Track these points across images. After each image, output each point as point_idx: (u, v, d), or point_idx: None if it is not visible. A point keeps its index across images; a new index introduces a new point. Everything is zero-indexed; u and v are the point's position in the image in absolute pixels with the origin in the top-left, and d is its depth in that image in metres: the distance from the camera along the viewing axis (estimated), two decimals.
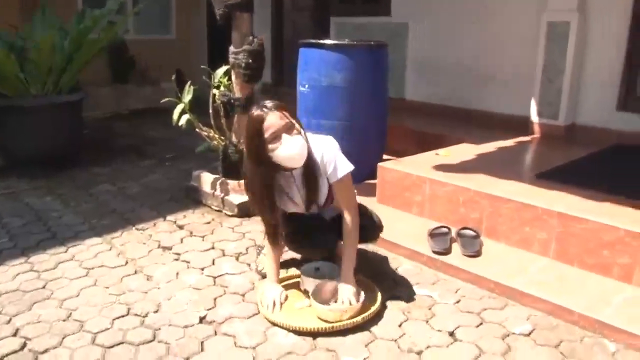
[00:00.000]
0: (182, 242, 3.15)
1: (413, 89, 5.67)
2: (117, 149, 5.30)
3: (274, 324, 2.31)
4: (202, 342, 2.19)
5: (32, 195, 3.93)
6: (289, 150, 2.22)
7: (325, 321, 2.29)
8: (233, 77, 3.57)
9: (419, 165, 3.53)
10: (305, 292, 2.52)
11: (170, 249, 3.06)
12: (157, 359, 2.08)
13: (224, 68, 3.57)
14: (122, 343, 2.18)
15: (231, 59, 3.51)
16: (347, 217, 2.39)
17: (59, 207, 3.69)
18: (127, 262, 2.89)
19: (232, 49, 3.52)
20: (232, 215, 3.52)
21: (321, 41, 4.00)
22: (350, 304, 2.31)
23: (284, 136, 2.21)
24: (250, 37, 3.45)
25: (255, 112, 2.23)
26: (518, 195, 2.95)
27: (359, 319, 2.29)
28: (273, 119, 2.20)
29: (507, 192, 3.00)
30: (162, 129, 6.13)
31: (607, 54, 4.27)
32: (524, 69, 4.65)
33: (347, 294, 2.33)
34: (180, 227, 3.36)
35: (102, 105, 6.73)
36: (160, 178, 4.39)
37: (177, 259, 2.94)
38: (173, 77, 3.57)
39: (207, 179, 3.73)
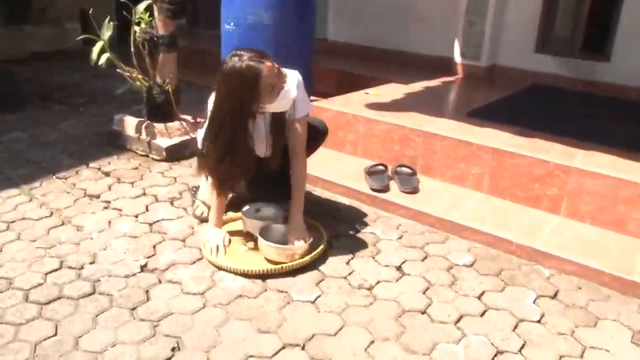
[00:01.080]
0: (110, 189, 2.97)
1: (335, 29, 5.59)
2: (24, 94, 4.84)
3: (220, 269, 2.25)
4: (146, 291, 2.09)
5: None
6: (285, 99, 2.16)
7: (275, 262, 2.25)
8: (155, 13, 3.33)
9: (352, 104, 3.50)
10: (248, 235, 2.47)
11: (98, 197, 2.87)
12: (101, 312, 1.97)
13: (145, 3, 3.30)
14: (59, 298, 2.04)
15: None
16: (298, 159, 2.33)
17: None
18: (51, 213, 2.69)
19: None
20: (160, 160, 3.35)
21: None
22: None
23: (283, 86, 2.14)
24: None
25: (244, 64, 2.05)
26: (452, 132, 3.01)
27: (307, 258, 2.27)
28: (269, 71, 2.08)
29: (441, 129, 3.05)
30: (69, 72, 5.71)
31: None
32: (448, 11, 4.68)
33: (298, 235, 2.30)
34: (106, 174, 3.16)
35: None
36: (75, 124, 4.09)
37: (107, 207, 2.77)
38: (91, 11, 3.25)
39: (131, 123, 3.51)
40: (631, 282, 2.18)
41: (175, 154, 3.36)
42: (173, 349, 1.80)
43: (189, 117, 3.55)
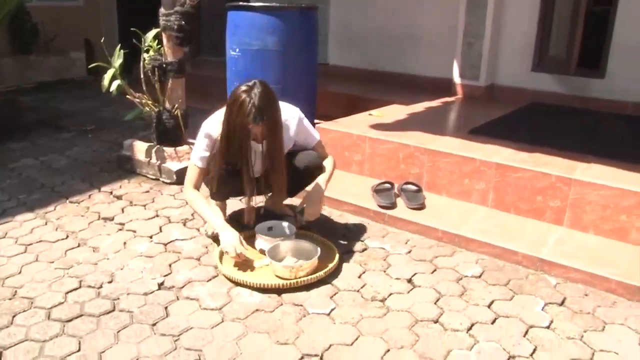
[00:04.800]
0: (123, 211, 3.04)
1: (336, 53, 5.72)
2: (30, 123, 4.94)
3: (237, 284, 2.31)
4: (165, 307, 2.15)
5: None
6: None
7: (283, 279, 2.31)
8: (164, 41, 3.44)
9: (356, 125, 3.59)
10: (262, 252, 2.53)
11: (112, 219, 2.94)
12: (122, 328, 2.02)
13: (154, 31, 3.42)
14: (81, 316, 2.09)
15: (162, 21, 3.38)
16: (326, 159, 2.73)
17: None
18: (67, 236, 2.75)
19: (162, 10, 3.39)
20: (170, 183, 3.43)
21: (252, 4, 3.93)
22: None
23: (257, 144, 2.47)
24: None
25: (247, 108, 2.28)
26: (456, 149, 3.09)
27: (321, 273, 2.33)
28: (256, 131, 2.35)
29: (445, 147, 3.13)
30: (75, 101, 5.83)
31: (522, 18, 4.52)
32: (446, 33, 4.82)
33: (313, 201, 2.58)
34: (118, 197, 3.23)
35: (4, 78, 6.24)
36: (84, 150, 4.18)
37: (121, 229, 2.83)
38: (102, 40, 3.36)
39: (140, 148, 3.59)
40: (637, 288, 2.24)
41: (185, 176, 3.42)
42: None
43: None
